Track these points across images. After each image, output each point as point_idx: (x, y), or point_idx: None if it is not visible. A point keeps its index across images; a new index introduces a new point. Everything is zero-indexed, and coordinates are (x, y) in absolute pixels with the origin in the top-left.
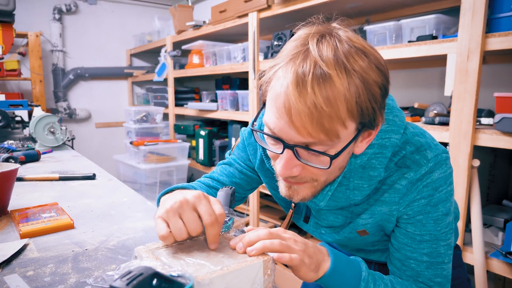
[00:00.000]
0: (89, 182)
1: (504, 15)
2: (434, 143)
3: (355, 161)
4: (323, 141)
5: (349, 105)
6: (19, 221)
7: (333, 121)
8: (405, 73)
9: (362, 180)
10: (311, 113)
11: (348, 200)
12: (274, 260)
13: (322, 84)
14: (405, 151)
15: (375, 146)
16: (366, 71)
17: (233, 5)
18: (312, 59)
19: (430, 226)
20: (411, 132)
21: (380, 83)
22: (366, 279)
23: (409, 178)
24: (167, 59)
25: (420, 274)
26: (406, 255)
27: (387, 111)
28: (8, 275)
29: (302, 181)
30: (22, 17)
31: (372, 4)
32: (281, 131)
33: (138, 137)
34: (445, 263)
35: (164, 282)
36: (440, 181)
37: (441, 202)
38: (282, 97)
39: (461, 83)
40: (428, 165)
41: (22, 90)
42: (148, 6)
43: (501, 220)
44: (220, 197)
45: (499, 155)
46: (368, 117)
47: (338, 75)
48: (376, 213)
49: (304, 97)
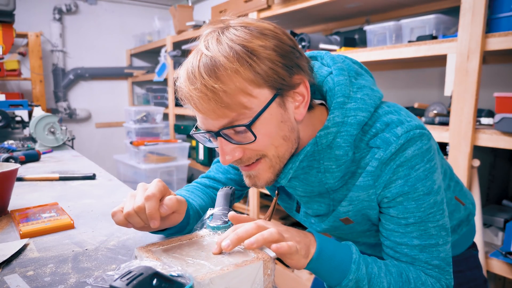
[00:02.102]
0: (89, 182)
1: (504, 15)
2: (407, 119)
3: (320, 141)
4: (235, 117)
5: (242, 73)
6: (19, 221)
7: (231, 95)
8: (405, 73)
9: (330, 161)
10: (205, 95)
11: (322, 184)
12: (272, 258)
13: (207, 67)
14: (375, 129)
15: (339, 124)
16: (249, 40)
17: (233, 5)
18: (199, 52)
19: (411, 207)
20: (384, 110)
21: (272, 46)
22: (357, 261)
23: (380, 158)
24: (167, 59)
25: (415, 258)
26: (396, 241)
27: (356, 89)
28: (8, 275)
29: (251, 162)
30: (22, 17)
31: (372, 4)
32: (203, 124)
33: (138, 137)
34: (440, 245)
35: (164, 282)
36: (416, 159)
37: (420, 181)
38: (184, 94)
39: (461, 83)
40: (398, 142)
41: (22, 90)
42: (148, 6)
43: (501, 220)
44: (220, 197)
45: (499, 155)
46: (274, 79)
47: (221, 52)
48: (355, 199)
49: (194, 84)
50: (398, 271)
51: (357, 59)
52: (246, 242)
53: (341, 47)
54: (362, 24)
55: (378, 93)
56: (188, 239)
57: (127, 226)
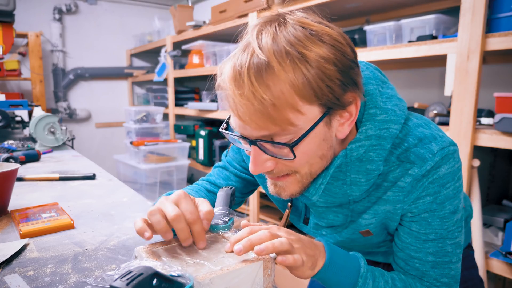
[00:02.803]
0: (89, 182)
1: (504, 15)
2: (440, 135)
3: (351, 154)
4: (278, 132)
5: (296, 89)
6: (19, 221)
7: (280, 109)
8: (405, 73)
9: (359, 174)
10: (252, 105)
11: (346, 196)
12: (275, 260)
13: (259, 73)
14: (407, 143)
15: (372, 138)
16: (309, 47)
17: (233, 5)
18: (250, 49)
19: (436, 224)
20: (414, 123)
21: (333, 59)
22: (365, 275)
23: (414, 174)
24: (167, 59)
25: (425, 274)
26: (410, 254)
27: (385, 100)
28: (8, 275)
29: (282, 175)
30: (22, 17)
31: (372, 4)
32: (240, 128)
33: (138, 137)
34: (453, 263)
35: (164, 282)
36: (448, 176)
37: (448, 199)
38: (227, 96)
39: (461, 83)
40: (434, 159)
41: (22, 90)
42: (148, 6)
43: (501, 220)
44: (220, 197)
45: (499, 155)
46: (328, 98)
47: (278, 61)
48: (380, 212)
49: (241, 89)
50: (404, 286)
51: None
52: (256, 248)
53: None
54: (362, 24)
55: (404, 102)
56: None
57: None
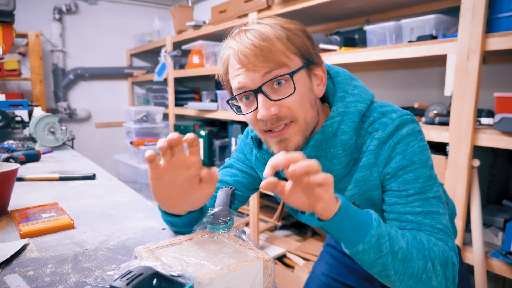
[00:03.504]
0: (89, 182)
1: (504, 15)
2: (399, 109)
3: (327, 130)
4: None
5: (282, 40)
6: (19, 221)
7: (274, 53)
8: (405, 73)
9: (336, 147)
10: (253, 51)
11: (330, 171)
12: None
13: (253, 32)
14: (373, 118)
15: (342, 114)
16: (283, 24)
17: (233, 5)
18: (243, 29)
19: (410, 179)
20: (378, 104)
21: (302, 30)
22: (378, 219)
23: (379, 137)
24: (167, 59)
25: (420, 223)
26: (399, 211)
27: (352, 87)
28: (8, 275)
29: (285, 121)
30: (22, 17)
31: (372, 4)
32: (244, 83)
33: (138, 137)
34: (441, 214)
35: (164, 282)
36: (410, 137)
37: (416, 155)
38: (232, 54)
39: (461, 83)
40: (394, 123)
41: (22, 90)
42: (148, 6)
43: (501, 220)
44: (220, 197)
45: (499, 155)
46: (305, 51)
47: (264, 28)
48: (360, 180)
49: (244, 43)
50: (412, 234)
51: (357, 59)
52: (292, 169)
53: (341, 47)
54: (362, 24)
55: (370, 92)
56: (188, 239)
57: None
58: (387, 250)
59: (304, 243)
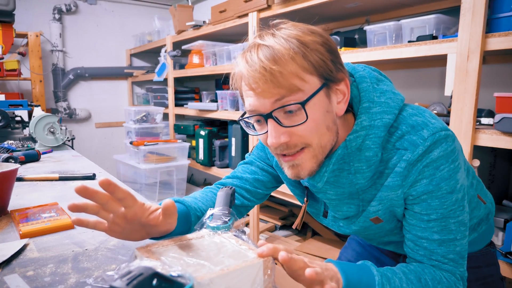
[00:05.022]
0: (89, 182)
1: (504, 15)
2: (432, 122)
3: (350, 144)
4: (288, 94)
5: (297, 60)
6: (19, 221)
7: (286, 77)
8: (405, 73)
9: (360, 162)
10: (263, 76)
11: (353, 185)
12: (272, 258)
13: (265, 52)
14: (401, 131)
15: (367, 128)
16: (301, 36)
17: (233, 5)
18: (256, 44)
19: (435, 204)
20: (408, 112)
21: (322, 43)
22: (381, 282)
23: (408, 159)
24: (167, 59)
25: (433, 252)
26: (417, 235)
27: (379, 94)
28: (8, 275)
29: (297, 149)
30: (22, 17)
31: (372, 4)
32: (255, 106)
33: (138, 137)
34: (458, 240)
35: (164, 282)
36: (441, 159)
37: (444, 180)
38: (242, 77)
39: (461, 83)
40: (425, 144)
41: (22, 90)
42: (148, 6)
43: (501, 220)
44: (220, 197)
45: (499, 155)
46: (324, 69)
47: (278, 43)
48: (384, 199)
49: (253, 66)
50: (416, 277)
51: (357, 59)
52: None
53: (341, 47)
54: (362, 24)
55: (400, 96)
56: (188, 239)
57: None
58: None
59: (304, 243)
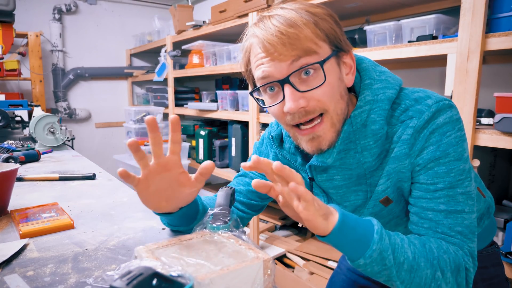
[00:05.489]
0: (89, 182)
1: (504, 15)
2: (434, 94)
3: (355, 121)
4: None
5: (309, 26)
6: (19, 221)
7: (302, 40)
8: (405, 73)
9: (367, 138)
10: (280, 39)
11: (360, 165)
12: (272, 258)
13: (279, 18)
14: (405, 105)
15: (370, 102)
16: (309, 8)
17: (233, 5)
18: (266, 16)
19: (442, 172)
20: (409, 90)
21: (329, 14)
22: (380, 232)
23: (414, 126)
24: (167, 59)
25: (438, 223)
26: (422, 206)
27: (378, 73)
28: (8, 275)
29: (315, 115)
30: (22, 17)
31: (372, 4)
32: (270, 72)
33: (138, 137)
34: (466, 213)
35: (164, 282)
36: (447, 126)
37: (451, 146)
38: (256, 43)
39: (461, 83)
40: (430, 110)
41: (22, 90)
42: (148, 6)
43: (501, 220)
44: (220, 197)
45: (499, 155)
46: (334, 37)
47: (289, 13)
48: (391, 172)
49: (269, 30)
50: (420, 242)
51: None
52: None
53: None
54: (362, 24)
55: (398, 77)
56: (188, 239)
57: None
58: (391, 263)
59: (304, 243)
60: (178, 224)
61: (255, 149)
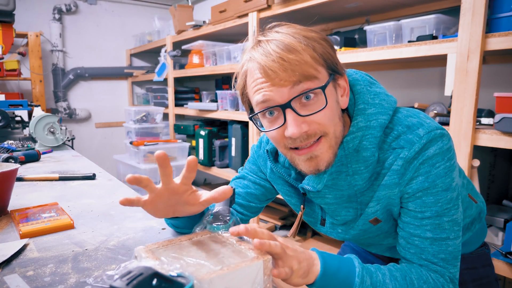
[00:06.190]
0: (89, 182)
1: (504, 15)
2: (427, 122)
3: (347, 146)
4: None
5: (308, 51)
6: (19, 221)
7: (303, 66)
8: (405, 73)
9: (358, 163)
10: (282, 65)
11: (351, 187)
12: (272, 258)
13: (277, 43)
14: (397, 131)
15: (363, 129)
16: (304, 32)
17: (233, 5)
18: (263, 40)
19: (429, 202)
20: (403, 114)
21: (323, 39)
22: (361, 274)
23: (404, 157)
24: (167, 59)
25: (423, 250)
26: (410, 232)
27: (373, 96)
28: (8, 275)
29: (315, 138)
30: (22, 17)
31: (372, 4)
32: (271, 96)
33: (138, 137)
34: (450, 239)
35: (164, 282)
36: (437, 157)
37: (439, 177)
38: (256, 68)
39: (461, 83)
40: (421, 142)
41: (22, 90)
42: (148, 6)
43: (501, 220)
44: None
45: (499, 155)
46: (330, 62)
47: (287, 38)
48: (382, 198)
49: (270, 56)
50: (402, 275)
51: (357, 59)
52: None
53: (341, 47)
54: (362, 24)
55: (393, 98)
56: (188, 239)
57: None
58: None
59: (304, 243)
60: (183, 227)
61: (252, 152)
